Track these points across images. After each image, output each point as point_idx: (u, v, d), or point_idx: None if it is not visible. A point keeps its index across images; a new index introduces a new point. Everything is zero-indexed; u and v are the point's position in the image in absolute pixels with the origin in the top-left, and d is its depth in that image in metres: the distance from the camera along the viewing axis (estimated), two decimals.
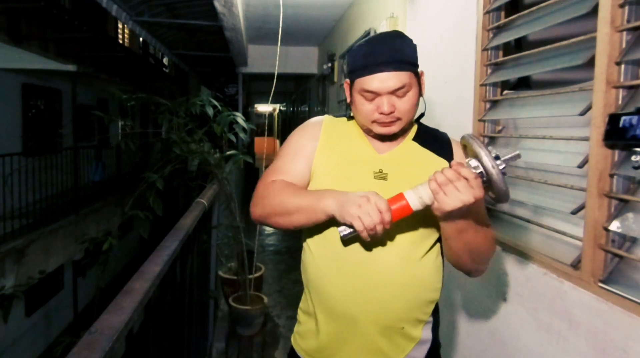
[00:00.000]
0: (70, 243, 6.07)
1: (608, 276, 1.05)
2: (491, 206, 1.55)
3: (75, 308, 7.27)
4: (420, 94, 1.02)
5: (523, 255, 1.35)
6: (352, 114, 1.10)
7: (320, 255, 1.05)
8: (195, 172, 3.31)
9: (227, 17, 3.70)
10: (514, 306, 1.39)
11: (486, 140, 1.61)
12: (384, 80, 0.97)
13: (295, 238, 5.72)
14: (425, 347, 1.06)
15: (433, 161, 1.05)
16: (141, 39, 9.70)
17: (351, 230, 0.89)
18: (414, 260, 1.01)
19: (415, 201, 0.88)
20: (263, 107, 14.58)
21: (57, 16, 6.43)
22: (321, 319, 1.05)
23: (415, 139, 1.09)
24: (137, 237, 9.78)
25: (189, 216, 1.81)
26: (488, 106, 1.59)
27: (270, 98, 3.60)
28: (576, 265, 1.14)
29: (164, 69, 13.71)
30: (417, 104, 1.02)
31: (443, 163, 1.05)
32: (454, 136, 1.13)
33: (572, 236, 1.18)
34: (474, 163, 0.87)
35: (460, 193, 0.84)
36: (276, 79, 3.46)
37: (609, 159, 1.04)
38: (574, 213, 1.16)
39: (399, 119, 1.00)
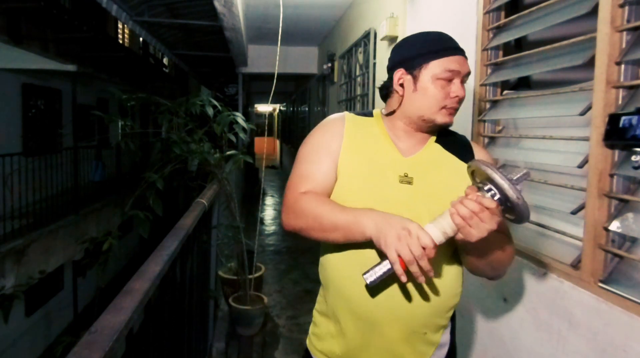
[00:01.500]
0: (70, 243, 6.07)
1: (608, 276, 1.05)
2: None
3: (75, 308, 7.26)
4: None
5: (523, 255, 1.35)
6: (393, 110, 1.05)
7: (344, 256, 1.02)
8: (195, 172, 3.31)
9: (227, 17, 3.70)
10: (514, 306, 1.39)
11: (486, 140, 1.61)
12: (462, 63, 0.98)
13: (295, 238, 5.72)
14: (444, 351, 1.06)
15: (457, 165, 1.04)
16: (141, 39, 9.70)
17: (381, 273, 0.85)
18: (439, 265, 1.00)
19: (439, 236, 0.86)
20: (263, 107, 14.58)
21: (57, 16, 6.44)
22: (344, 322, 1.03)
23: (437, 141, 1.07)
24: (137, 237, 9.78)
25: (189, 216, 1.81)
26: (488, 106, 1.59)
27: (270, 98, 3.61)
28: (576, 265, 1.14)
29: (164, 69, 13.71)
30: None
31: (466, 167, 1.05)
32: None
33: (572, 236, 1.18)
34: (488, 188, 0.86)
35: (485, 223, 0.83)
36: (276, 79, 3.46)
37: (609, 159, 1.04)
38: (574, 213, 1.16)
39: (458, 109, 1.01)
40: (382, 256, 0.87)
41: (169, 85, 13.20)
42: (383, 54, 2.96)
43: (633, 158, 0.97)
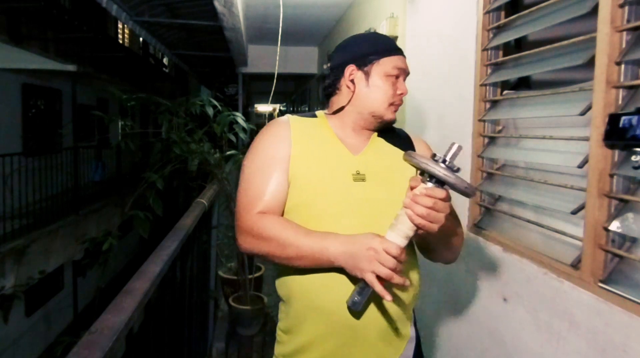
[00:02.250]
0: (70, 243, 6.07)
1: (608, 276, 1.05)
2: (491, 207, 1.55)
3: (75, 308, 7.27)
4: None
5: (523, 255, 1.35)
6: (341, 107, 1.08)
7: (311, 269, 0.98)
8: (195, 172, 3.31)
9: (227, 17, 3.70)
10: (514, 306, 1.39)
11: (486, 140, 1.61)
12: (406, 63, 1.07)
13: None
14: (413, 344, 1.07)
15: (401, 158, 1.06)
16: (141, 39, 9.71)
17: (363, 294, 0.88)
18: (407, 260, 1.01)
19: (402, 241, 0.88)
20: (263, 107, 14.59)
21: (57, 16, 6.45)
22: (315, 333, 1.00)
23: (379, 135, 1.11)
24: (137, 237, 9.78)
25: (189, 216, 1.81)
26: (488, 106, 1.59)
27: (270, 98, 3.61)
28: (576, 265, 1.14)
29: (164, 69, 13.73)
30: None
31: None
32: (455, 136, 1.13)
33: (572, 236, 1.18)
34: (430, 177, 0.88)
35: (441, 212, 0.86)
36: (276, 79, 3.46)
37: (609, 159, 1.04)
38: (574, 213, 1.16)
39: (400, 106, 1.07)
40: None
41: (169, 85, 13.20)
42: None
43: (633, 158, 0.97)
